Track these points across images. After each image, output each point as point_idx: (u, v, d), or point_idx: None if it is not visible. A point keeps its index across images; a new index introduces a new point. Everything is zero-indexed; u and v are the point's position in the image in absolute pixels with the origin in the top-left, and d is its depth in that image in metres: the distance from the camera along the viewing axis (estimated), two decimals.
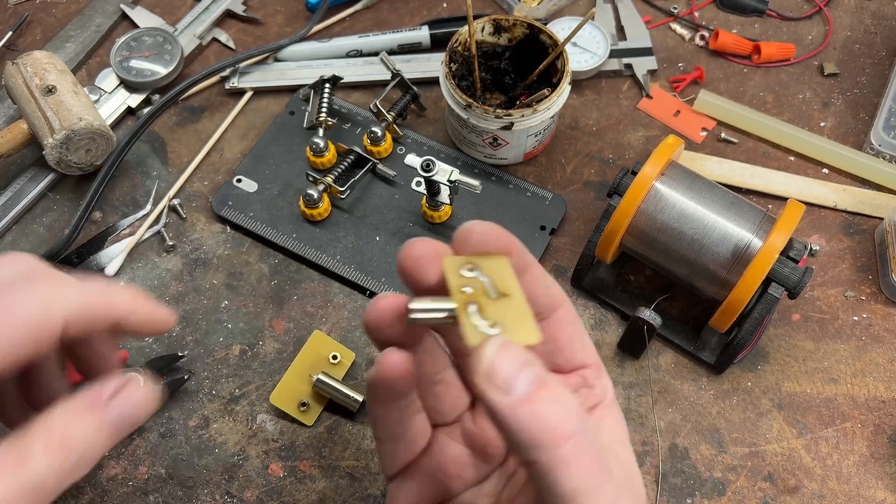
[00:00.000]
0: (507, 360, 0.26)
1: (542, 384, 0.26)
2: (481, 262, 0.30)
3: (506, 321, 0.29)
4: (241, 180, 0.63)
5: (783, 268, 0.50)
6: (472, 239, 0.30)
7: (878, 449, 0.53)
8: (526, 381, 0.26)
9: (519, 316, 0.29)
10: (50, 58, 0.62)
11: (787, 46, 0.70)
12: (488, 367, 0.26)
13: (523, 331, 0.28)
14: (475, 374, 0.26)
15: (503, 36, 0.64)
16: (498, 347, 0.26)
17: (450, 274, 0.30)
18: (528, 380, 0.26)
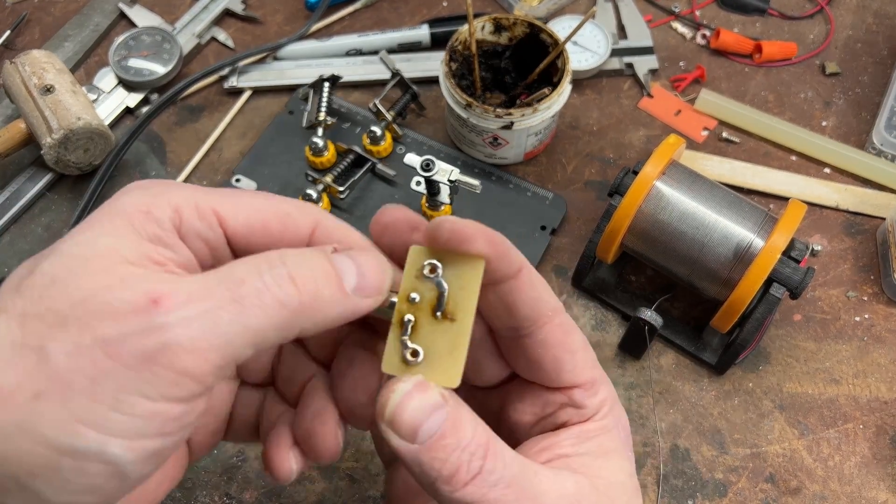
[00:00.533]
0: (414, 406, 0.25)
1: (451, 429, 0.25)
2: (451, 263, 0.27)
3: (434, 351, 0.27)
4: (240, 180, 0.63)
5: (785, 268, 0.50)
6: (440, 235, 0.27)
7: (879, 450, 0.53)
8: (432, 428, 0.25)
9: (451, 350, 0.27)
10: (48, 57, 0.62)
11: (789, 45, 0.70)
12: (390, 415, 0.25)
13: (445, 369, 0.26)
14: (378, 415, 0.26)
15: (503, 35, 0.64)
16: (403, 394, 0.25)
17: (408, 270, 0.28)
18: (435, 425, 0.25)
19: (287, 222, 0.28)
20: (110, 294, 0.23)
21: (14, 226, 0.62)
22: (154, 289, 0.23)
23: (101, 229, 0.25)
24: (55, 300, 0.23)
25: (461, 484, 0.25)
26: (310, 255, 0.26)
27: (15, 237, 0.61)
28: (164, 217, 0.26)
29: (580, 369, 0.31)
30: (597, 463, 0.30)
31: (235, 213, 0.27)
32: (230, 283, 0.24)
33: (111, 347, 0.22)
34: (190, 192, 0.27)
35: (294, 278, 0.25)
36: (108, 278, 0.23)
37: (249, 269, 0.25)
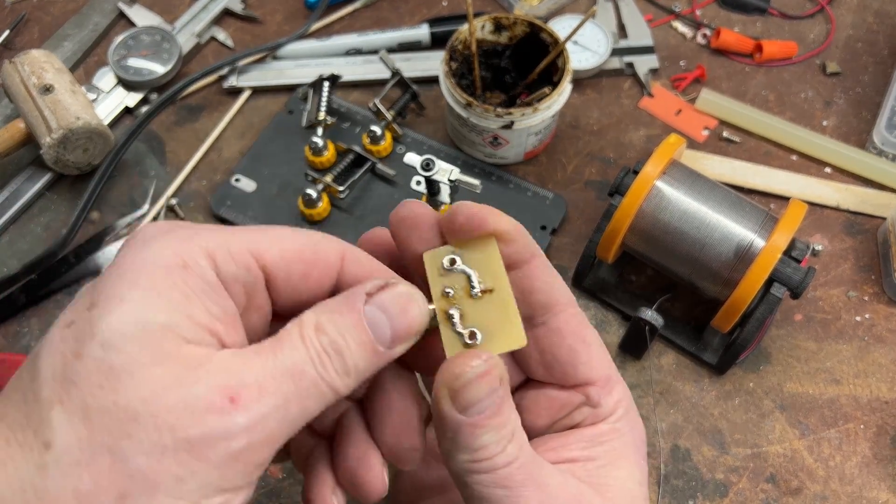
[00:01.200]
0: (483, 384, 0.26)
1: (497, 410, 0.26)
2: (465, 249, 0.28)
3: (489, 325, 0.28)
4: (240, 180, 0.63)
5: (786, 268, 0.50)
6: (456, 223, 0.28)
7: (880, 450, 0.53)
8: (483, 406, 0.26)
9: (503, 316, 0.28)
10: (47, 57, 0.62)
11: (790, 45, 0.70)
12: (457, 387, 0.26)
13: (507, 335, 0.27)
14: (440, 380, 0.26)
15: (503, 34, 0.64)
16: (477, 374, 0.26)
17: (431, 272, 0.28)
18: (487, 405, 0.26)
19: (318, 250, 0.28)
20: (184, 391, 0.23)
21: (13, 226, 0.61)
22: (227, 384, 0.23)
23: (145, 298, 0.24)
24: (120, 394, 0.22)
25: (481, 458, 0.26)
26: (349, 324, 0.26)
27: (14, 237, 0.61)
28: (206, 268, 0.25)
29: (596, 363, 0.31)
30: (604, 470, 0.30)
31: (269, 248, 0.27)
32: (294, 374, 0.25)
33: (197, 449, 0.23)
34: (219, 235, 0.26)
35: (344, 362, 0.26)
36: (174, 369, 0.23)
37: (304, 356, 0.25)
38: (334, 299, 0.27)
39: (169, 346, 0.23)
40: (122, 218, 0.62)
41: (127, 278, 0.24)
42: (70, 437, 0.22)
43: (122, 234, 0.61)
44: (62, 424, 0.22)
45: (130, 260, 0.25)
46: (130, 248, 0.26)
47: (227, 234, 0.27)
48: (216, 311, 0.25)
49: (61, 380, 0.23)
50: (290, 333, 0.26)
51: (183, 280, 0.25)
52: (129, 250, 0.26)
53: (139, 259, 0.25)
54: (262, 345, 0.25)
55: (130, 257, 0.25)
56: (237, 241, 0.26)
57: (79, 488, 0.22)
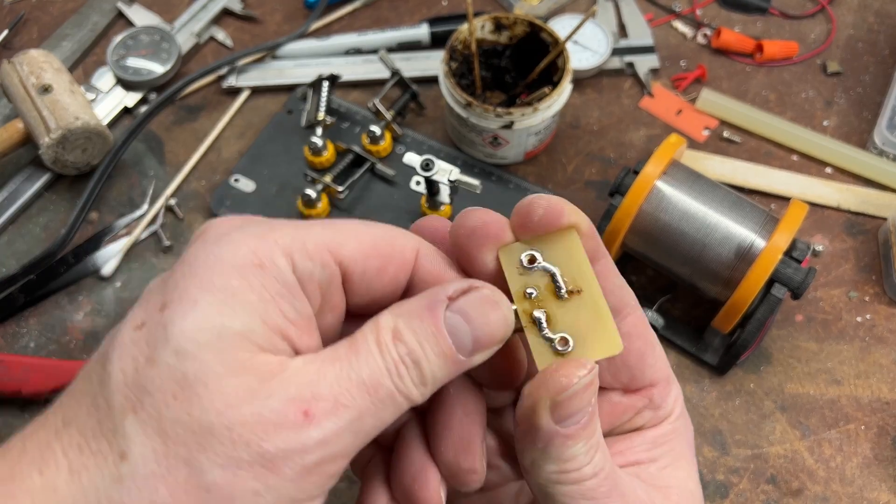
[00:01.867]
0: (587, 395, 0.25)
1: (589, 421, 0.26)
2: (544, 244, 0.26)
3: (581, 329, 0.26)
4: (239, 180, 0.63)
5: (786, 268, 0.50)
6: (534, 220, 0.26)
7: (881, 451, 0.53)
8: (579, 418, 0.25)
9: (595, 319, 0.26)
10: (46, 56, 0.62)
11: (790, 45, 0.70)
12: (560, 398, 0.25)
13: (602, 341, 0.26)
14: (541, 390, 0.25)
15: (503, 34, 0.63)
16: (583, 385, 0.25)
17: (509, 270, 0.26)
18: (583, 416, 0.25)
19: (394, 244, 0.27)
20: (258, 404, 0.22)
21: (12, 226, 0.61)
22: (302, 396, 0.23)
23: (220, 302, 0.23)
24: (194, 405, 0.22)
25: (571, 470, 0.26)
26: (428, 332, 0.25)
27: (13, 237, 0.61)
28: (283, 267, 0.24)
29: (661, 364, 0.31)
30: (666, 472, 0.30)
31: (346, 242, 0.26)
32: (370, 386, 0.24)
33: (273, 464, 0.22)
34: (295, 231, 0.25)
35: (421, 372, 0.25)
36: (248, 380, 0.22)
37: (381, 366, 0.24)
38: (413, 301, 0.26)
39: (244, 356, 0.23)
40: (120, 218, 0.61)
41: (200, 278, 0.23)
42: (146, 448, 0.22)
43: (120, 234, 0.61)
44: (137, 435, 0.22)
45: (204, 257, 0.24)
46: (203, 243, 0.24)
47: (303, 230, 0.25)
48: (292, 314, 0.24)
49: (134, 387, 0.22)
50: (366, 340, 0.25)
51: (259, 281, 0.23)
52: (202, 246, 0.24)
53: (213, 257, 0.24)
54: (338, 352, 0.24)
55: (204, 254, 0.24)
56: (314, 237, 0.25)
57: (155, 501, 0.21)
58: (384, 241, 0.26)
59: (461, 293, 0.26)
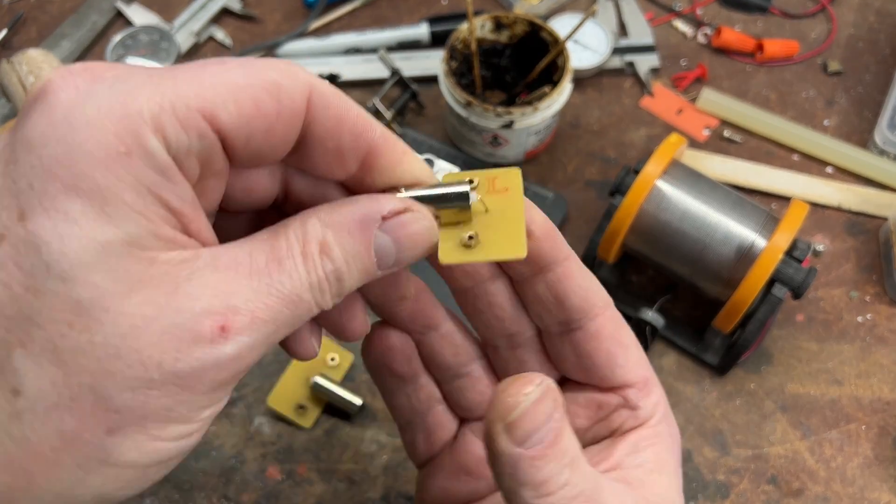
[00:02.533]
0: (541, 411, 0.24)
1: (556, 438, 0.24)
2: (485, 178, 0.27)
3: (489, 231, 0.26)
4: None
5: (787, 268, 0.49)
6: None
7: (882, 451, 0.53)
8: (542, 436, 0.24)
9: (507, 224, 0.26)
10: (45, 56, 0.61)
11: (791, 44, 0.70)
12: (513, 418, 0.24)
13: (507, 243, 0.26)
14: (493, 416, 0.24)
15: (504, 33, 0.63)
16: (533, 402, 0.24)
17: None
18: (546, 434, 0.24)
19: (280, 97, 0.22)
20: (168, 321, 0.20)
21: None
22: (216, 309, 0.21)
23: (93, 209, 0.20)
24: (95, 332, 0.20)
25: (546, 493, 0.24)
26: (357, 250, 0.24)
27: None
28: (155, 149, 0.20)
29: (633, 365, 0.30)
30: (650, 477, 0.29)
31: (224, 104, 0.21)
32: (291, 301, 0.23)
33: (186, 381, 0.21)
34: (160, 91, 0.21)
35: (341, 287, 0.24)
36: (152, 294, 0.20)
37: (304, 282, 0.23)
38: (344, 210, 0.24)
39: (139, 267, 0.20)
40: None
41: (60, 177, 0.20)
42: (42, 381, 0.20)
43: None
44: (30, 369, 0.20)
45: (56, 146, 0.20)
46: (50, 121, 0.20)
47: (170, 89, 0.21)
48: (176, 202, 0.21)
49: (17, 319, 0.20)
50: (291, 250, 0.23)
51: (131, 174, 0.20)
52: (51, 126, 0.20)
53: (68, 147, 0.20)
54: (256, 259, 0.22)
55: (55, 141, 0.20)
56: (184, 99, 0.21)
57: (62, 430, 0.20)
58: (268, 93, 0.22)
59: (395, 214, 0.25)
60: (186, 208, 0.22)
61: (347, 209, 0.24)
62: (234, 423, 0.53)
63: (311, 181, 0.27)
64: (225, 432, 0.53)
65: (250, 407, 0.54)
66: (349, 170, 0.25)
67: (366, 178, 0.26)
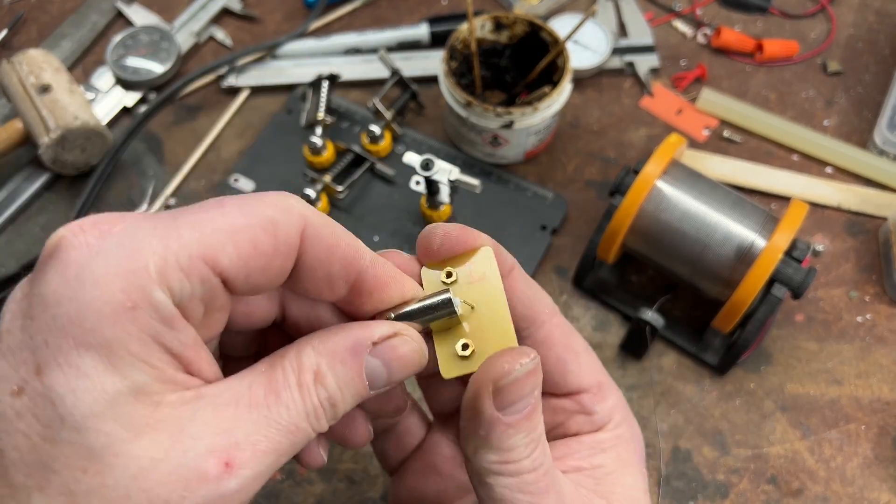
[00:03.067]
0: (528, 383, 0.26)
1: (532, 413, 0.26)
2: (461, 265, 0.28)
3: (480, 333, 0.27)
4: (238, 180, 0.62)
5: (787, 268, 0.50)
6: (433, 245, 0.28)
7: (882, 451, 0.53)
8: (521, 407, 0.26)
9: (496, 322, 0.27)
10: (45, 56, 0.61)
11: (791, 44, 0.70)
12: (502, 384, 0.25)
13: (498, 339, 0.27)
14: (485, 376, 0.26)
15: (503, 33, 0.63)
16: (526, 372, 0.25)
17: (428, 289, 0.28)
18: (525, 406, 0.26)
19: (277, 235, 0.24)
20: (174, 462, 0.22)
21: (11, 226, 0.61)
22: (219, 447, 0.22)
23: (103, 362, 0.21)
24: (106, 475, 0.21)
25: (508, 461, 0.26)
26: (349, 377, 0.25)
27: (12, 237, 0.61)
28: (160, 302, 0.22)
29: (585, 371, 0.31)
30: (611, 478, 0.30)
31: (224, 247, 0.23)
32: (289, 431, 0.24)
33: None
34: (164, 244, 0.22)
35: (336, 412, 0.25)
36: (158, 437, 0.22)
37: (301, 412, 0.24)
38: (336, 339, 0.26)
39: (144, 412, 0.22)
40: None
41: (72, 334, 0.21)
42: None
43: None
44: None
45: (69, 304, 0.21)
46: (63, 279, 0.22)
47: (174, 240, 0.23)
48: (179, 347, 0.23)
49: (35, 466, 0.21)
50: (287, 381, 0.24)
51: (137, 328, 0.22)
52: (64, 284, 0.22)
53: (77, 305, 0.21)
54: (255, 394, 0.24)
55: (68, 299, 0.22)
56: (186, 248, 0.22)
57: None
58: (265, 232, 0.24)
59: (384, 339, 0.26)
60: (189, 351, 0.23)
61: (339, 337, 0.26)
62: None
63: (306, 302, 0.29)
64: None
65: None
66: (339, 293, 0.27)
67: (355, 300, 0.27)
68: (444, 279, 0.28)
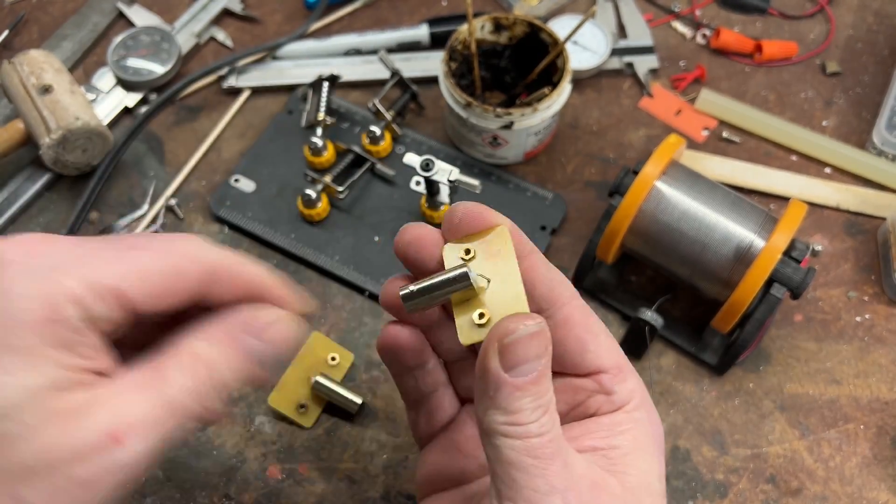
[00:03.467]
0: (533, 345, 0.27)
1: (540, 377, 0.27)
2: (479, 242, 0.30)
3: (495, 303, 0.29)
4: (239, 180, 0.63)
5: (785, 268, 0.50)
6: (454, 220, 0.30)
7: (880, 450, 0.53)
8: (529, 369, 0.27)
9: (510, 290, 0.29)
10: (46, 57, 0.62)
11: (789, 45, 0.70)
12: (508, 342, 0.27)
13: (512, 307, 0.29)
14: (492, 336, 0.27)
15: (503, 34, 0.63)
16: (529, 333, 0.27)
17: (448, 262, 0.30)
18: (533, 369, 0.27)
19: (182, 277, 0.30)
20: (73, 440, 0.26)
21: (12, 226, 0.61)
22: (111, 425, 0.26)
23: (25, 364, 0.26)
24: (14, 453, 0.25)
25: (516, 423, 0.27)
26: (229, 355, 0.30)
27: None
28: (73, 318, 0.27)
29: (605, 351, 0.32)
30: (626, 459, 0.30)
31: (133, 285, 0.28)
32: (176, 409, 0.28)
33: (88, 485, 0.26)
34: (81, 273, 0.28)
35: (223, 390, 0.29)
36: (62, 423, 0.26)
37: (186, 390, 0.28)
38: (221, 323, 0.30)
39: (54, 404, 0.26)
40: (121, 218, 0.61)
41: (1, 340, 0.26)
42: None
43: (121, 234, 0.61)
44: None
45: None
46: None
47: (92, 270, 0.28)
48: (89, 352, 0.27)
49: None
50: (172, 367, 0.29)
51: (53, 336, 0.26)
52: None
53: (6, 315, 0.26)
54: (145, 378, 0.28)
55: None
56: (101, 280, 0.28)
57: None
58: (172, 276, 0.29)
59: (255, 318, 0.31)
60: (96, 354, 0.28)
61: (223, 321, 0.31)
62: (236, 423, 0.53)
63: None
64: (226, 432, 0.53)
65: (251, 406, 0.54)
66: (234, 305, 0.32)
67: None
68: (462, 255, 0.30)
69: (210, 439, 0.53)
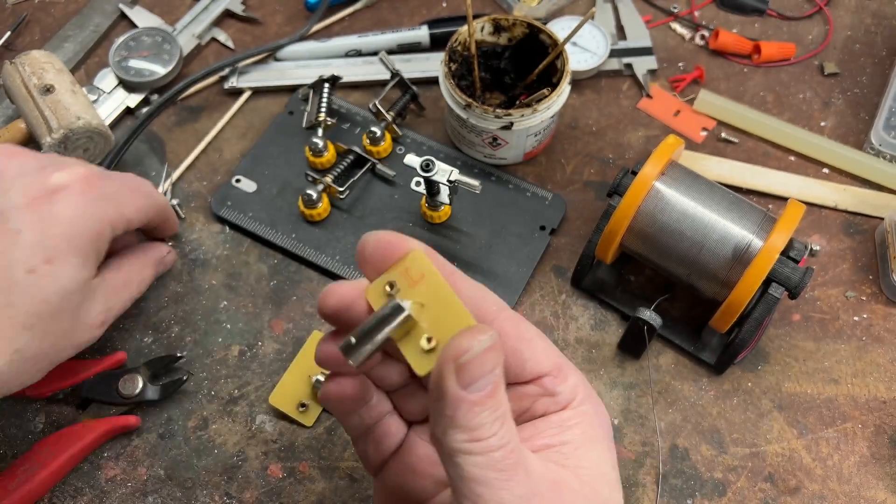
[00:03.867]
0: (488, 359, 0.26)
1: (495, 390, 0.27)
2: (398, 272, 0.30)
3: (438, 325, 0.28)
4: (240, 180, 0.63)
5: (784, 268, 0.50)
6: (365, 253, 0.30)
7: (878, 449, 0.53)
8: (484, 384, 0.26)
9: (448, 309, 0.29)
10: (48, 57, 0.62)
11: (788, 46, 0.70)
12: (463, 360, 0.26)
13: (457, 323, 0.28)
14: (447, 355, 0.27)
15: (503, 35, 0.64)
16: (484, 349, 0.26)
17: (376, 303, 0.30)
18: (488, 383, 0.27)
19: (158, 210, 0.53)
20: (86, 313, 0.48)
21: None
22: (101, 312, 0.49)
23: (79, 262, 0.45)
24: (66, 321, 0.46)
25: (476, 438, 0.27)
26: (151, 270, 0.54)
27: None
28: (108, 236, 0.47)
29: (541, 357, 0.32)
30: (578, 453, 0.31)
31: (137, 215, 0.50)
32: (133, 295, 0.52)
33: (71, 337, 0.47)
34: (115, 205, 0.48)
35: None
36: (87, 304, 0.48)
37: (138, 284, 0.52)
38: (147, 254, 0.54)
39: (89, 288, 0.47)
40: None
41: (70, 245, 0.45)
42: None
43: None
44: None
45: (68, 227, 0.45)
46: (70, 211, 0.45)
47: (118, 206, 0.48)
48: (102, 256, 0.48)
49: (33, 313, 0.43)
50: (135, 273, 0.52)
51: (96, 246, 0.46)
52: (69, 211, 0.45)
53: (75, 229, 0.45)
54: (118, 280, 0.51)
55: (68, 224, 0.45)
56: (124, 213, 0.48)
57: None
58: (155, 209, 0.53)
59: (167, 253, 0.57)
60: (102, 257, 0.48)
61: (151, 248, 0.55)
62: (236, 422, 0.53)
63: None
64: (227, 430, 0.53)
65: (252, 405, 0.54)
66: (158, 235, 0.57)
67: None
68: (387, 291, 0.30)
69: (211, 438, 0.53)
